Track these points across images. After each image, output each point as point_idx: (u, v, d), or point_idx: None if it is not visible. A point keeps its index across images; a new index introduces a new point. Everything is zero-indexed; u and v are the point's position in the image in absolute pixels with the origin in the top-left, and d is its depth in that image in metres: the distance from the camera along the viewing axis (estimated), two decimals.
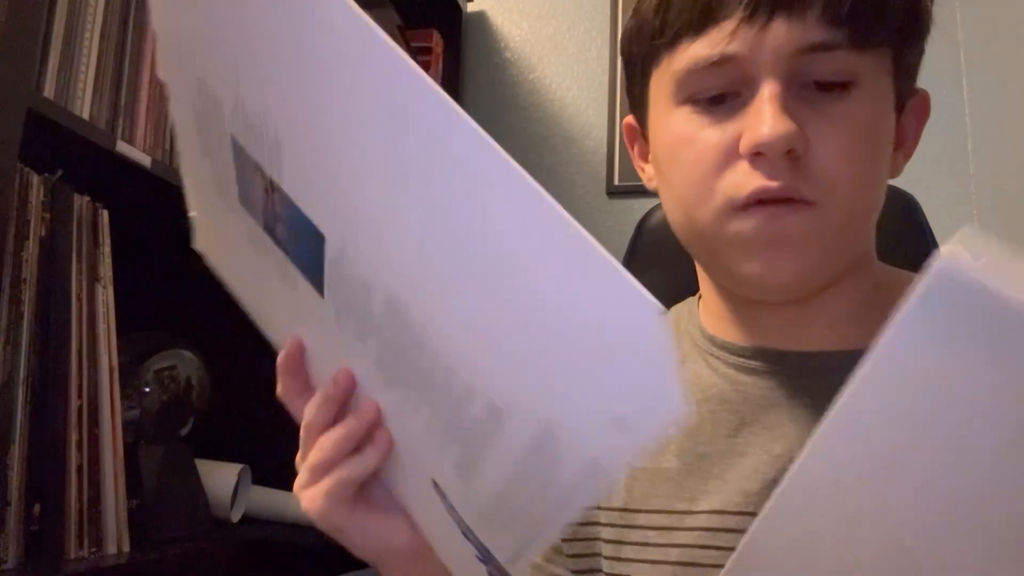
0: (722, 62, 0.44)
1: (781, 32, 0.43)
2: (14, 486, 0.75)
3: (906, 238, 0.86)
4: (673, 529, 0.50)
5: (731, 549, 0.45)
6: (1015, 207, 1.53)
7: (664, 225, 0.96)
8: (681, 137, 0.47)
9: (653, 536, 0.51)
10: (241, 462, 1.09)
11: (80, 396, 0.82)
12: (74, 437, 0.80)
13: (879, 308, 0.49)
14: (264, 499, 1.11)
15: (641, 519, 0.51)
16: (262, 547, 1.05)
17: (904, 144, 0.51)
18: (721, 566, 0.44)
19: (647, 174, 0.56)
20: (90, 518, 0.82)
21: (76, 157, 0.90)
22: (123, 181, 0.99)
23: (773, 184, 0.43)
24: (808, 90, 0.44)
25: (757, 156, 0.44)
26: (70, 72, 0.86)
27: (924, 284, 0.23)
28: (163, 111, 1.01)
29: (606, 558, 0.53)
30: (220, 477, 1.06)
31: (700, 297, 0.58)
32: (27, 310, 0.77)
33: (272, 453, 1.19)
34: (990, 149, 1.65)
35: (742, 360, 0.52)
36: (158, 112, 1.00)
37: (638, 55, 0.51)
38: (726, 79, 0.45)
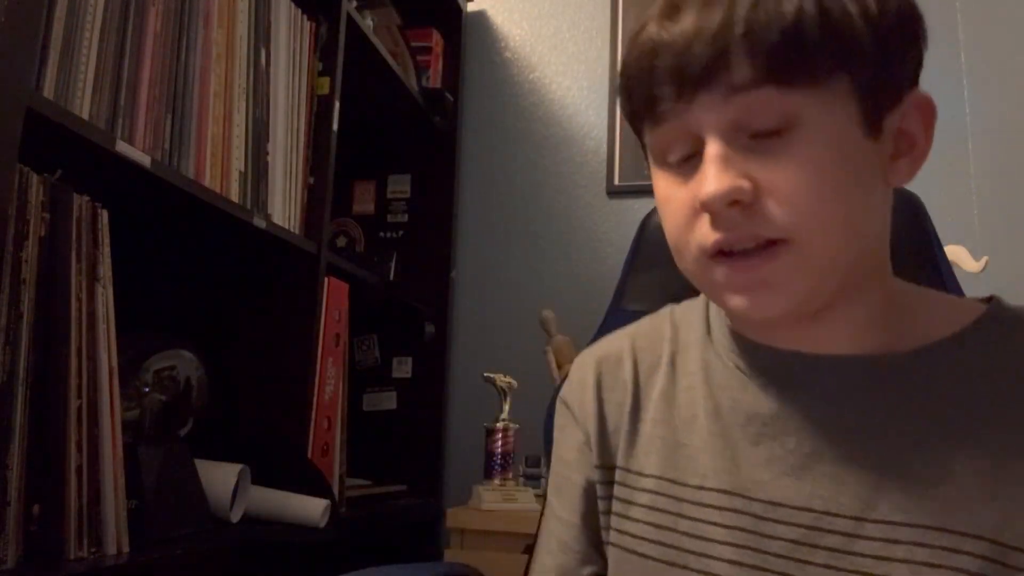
0: (669, 131, 0.51)
1: (705, 98, 0.48)
2: (14, 486, 0.75)
3: (910, 237, 0.86)
4: (683, 501, 0.54)
5: (736, 528, 0.52)
6: (1015, 207, 1.53)
7: None
8: (662, 197, 0.53)
9: (663, 503, 0.55)
10: (241, 462, 1.09)
11: (80, 396, 0.82)
12: (74, 437, 0.80)
13: (895, 318, 0.53)
14: (264, 499, 1.11)
15: (651, 484, 0.57)
16: (262, 547, 1.05)
17: (913, 150, 0.52)
18: (728, 543, 0.51)
19: None
20: (90, 518, 0.82)
21: (76, 157, 0.90)
22: (123, 181, 0.99)
23: (729, 235, 0.48)
24: (754, 139, 0.48)
25: (709, 211, 0.48)
26: (70, 72, 0.86)
27: None
28: (162, 111, 1.01)
29: (615, 515, 0.58)
30: (220, 477, 1.06)
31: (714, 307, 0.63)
32: (27, 310, 0.77)
33: (272, 453, 1.19)
34: (990, 149, 1.65)
35: (760, 355, 0.55)
36: (157, 112, 1.00)
37: (633, 128, 0.57)
38: (683, 143, 0.50)
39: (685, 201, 0.50)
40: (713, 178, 0.47)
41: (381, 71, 1.64)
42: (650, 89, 0.50)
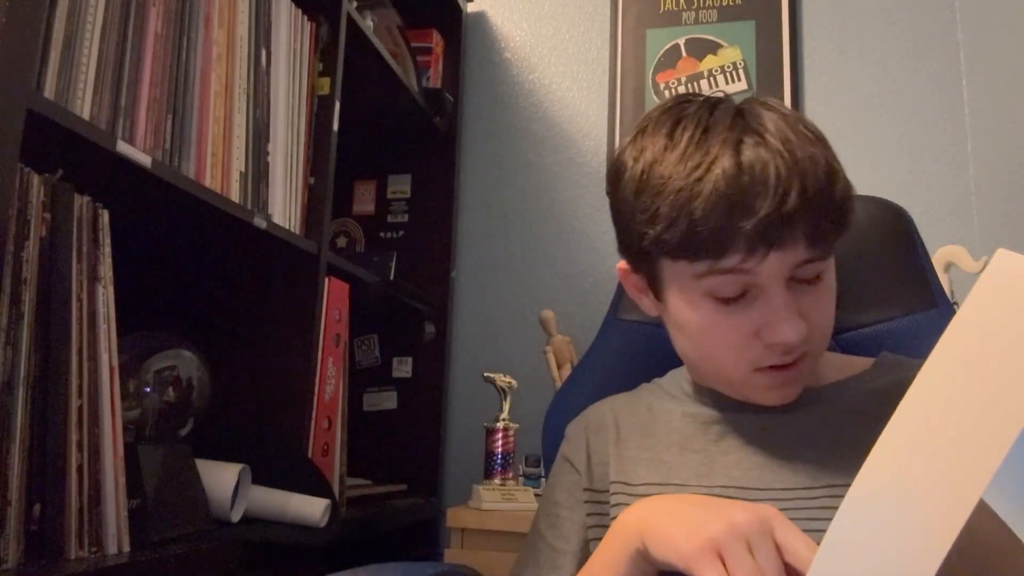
0: (734, 271, 0.61)
1: (776, 259, 0.60)
2: (14, 486, 0.75)
3: (896, 249, 0.87)
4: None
5: None
6: (1015, 208, 1.53)
7: None
8: (709, 323, 0.64)
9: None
10: (241, 462, 1.09)
11: (80, 396, 0.82)
12: (74, 437, 0.80)
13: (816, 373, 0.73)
14: (264, 499, 1.11)
15: (642, 490, 0.70)
16: (262, 547, 1.05)
17: None
18: None
19: (646, 304, 0.73)
20: (90, 518, 0.82)
21: (76, 157, 0.90)
22: (123, 181, 0.99)
23: (788, 359, 0.64)
24: (797, 282, 0.63)
25: (777, 344, 0.62)
26: (70, 72, 0.86)
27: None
28: (163, 111, 1.01)
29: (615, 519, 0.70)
30: (220, 477, 1.06)
31: (681, 374, 0.79)
32: (27, 310, 0.77)
33: (272, 453, 1.19)
34: (990, 149, 1.65)
35: (723, 401, 0.73)
36: (158, 112, 1.00)
37: (653, 251, 0.65)
38: (737, 284, 0.62)
39: (739, 329, 0.63)
40: (792, 328, 0.61)
41: (381, 71, 1.64)
42: (723, 244, 0.60)
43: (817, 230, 0.60)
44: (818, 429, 0.67)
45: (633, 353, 0.91)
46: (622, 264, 0.74)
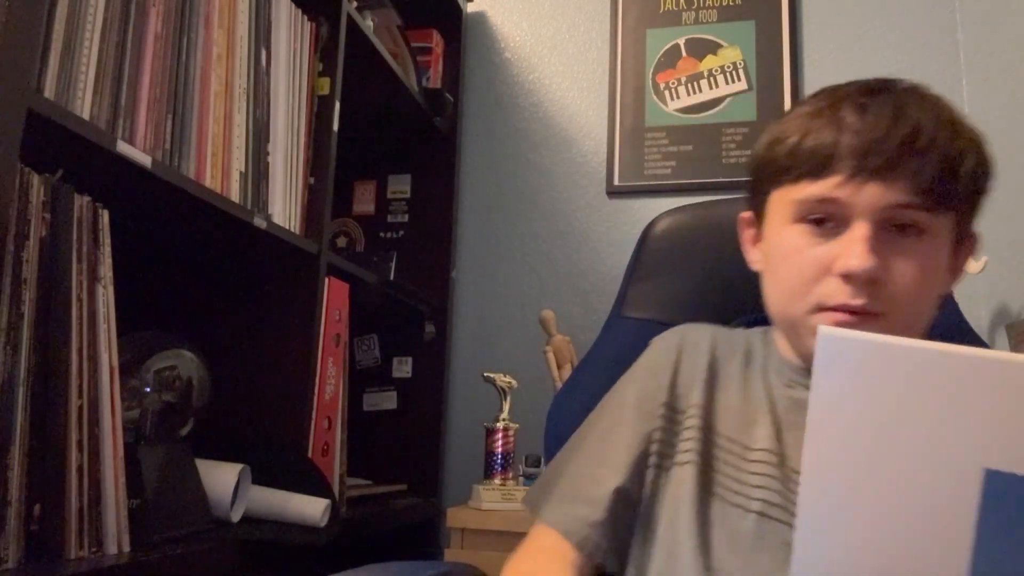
0: (830, 200, 0.63)
1: (875, 191, 0.61)
2: (14, 486, 0.75)
3: None
4: (736, 455, 0.70)
5: (771, 477, 0.67)
6: (1015, 207, 1.53)
7: (668, 234, 0.96)
8: (793, 248, 0.66)
9: (723, 455, 0.70)
10: (241, 462, 1.09)
11: (80, 396, 0.82)
12: (74, 437, 0.80)
13: None
14: (264, 499, 1.11)
15: (723, 441, 0.71)
16: (262, 547, 1.05)
17: (955, 271, 0.69)
18: (761, 487, 0.66)
19: (753, 257, 0.76)
20: (90, 518, 0.82)
21: (76, 157, 0.90)
22: (123, 181, 0.99)
23: (856, 302, 0.61)
24: (890, 231, 0.62)
25: (847, 277, 0.61)
26: (70, 72, 0.86)
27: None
28: (163, 111, 1.01)
29: (684, 449, 0.70)
30: (220, 477, 1.06)
31: (772, 332, 0.77)
32: (27, 310, 0.77)
33: (272, 453, 1.19)
34: (990, 149, 1.65)
35: (801, 377, 0.72)
36: (158, 112, 1.00)
37: (765, 179, 0.70)
38: (830, 211, 0.63)
39: (817, 260, 0.63)
40: (863, 256, 0.60)
41: (381, 71, 1.64)
42: (826, 159, 0.62)
43: (920, 173, 0.61)
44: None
45: (639, 350, 0.91)
46: (745, 213, 0.76)
